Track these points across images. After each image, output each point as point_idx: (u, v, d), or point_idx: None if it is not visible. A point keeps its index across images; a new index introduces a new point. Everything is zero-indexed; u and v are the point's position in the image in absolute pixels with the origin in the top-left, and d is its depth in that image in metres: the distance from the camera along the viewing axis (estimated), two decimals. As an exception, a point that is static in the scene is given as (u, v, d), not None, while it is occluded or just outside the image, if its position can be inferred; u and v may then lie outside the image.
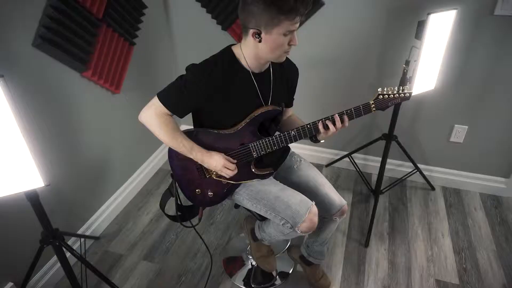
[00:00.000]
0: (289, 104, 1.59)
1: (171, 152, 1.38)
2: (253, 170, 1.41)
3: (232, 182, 1.41)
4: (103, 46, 1.90)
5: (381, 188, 2.36)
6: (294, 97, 1.60)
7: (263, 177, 1.44)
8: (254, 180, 1.44)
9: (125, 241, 2.13)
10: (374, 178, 2.55)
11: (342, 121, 1.33)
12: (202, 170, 1.40)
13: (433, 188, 2.48)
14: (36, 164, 1.21)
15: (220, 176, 1.40)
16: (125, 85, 2.15)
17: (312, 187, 1.48)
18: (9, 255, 1.61)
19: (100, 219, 2.16)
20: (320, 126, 1.32)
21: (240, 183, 1.44)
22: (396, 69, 2.08)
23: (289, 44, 1.23)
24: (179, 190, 1.48)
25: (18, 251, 1.62)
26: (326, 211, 1.49)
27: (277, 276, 1.90)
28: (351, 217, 2.28)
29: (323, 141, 1.40)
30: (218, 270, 1.94)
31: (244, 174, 1.41)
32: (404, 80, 1.88)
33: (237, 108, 1.33)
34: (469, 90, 2.13)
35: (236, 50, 1.30)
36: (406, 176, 2.43)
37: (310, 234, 1.65)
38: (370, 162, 2.61)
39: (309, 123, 1.35)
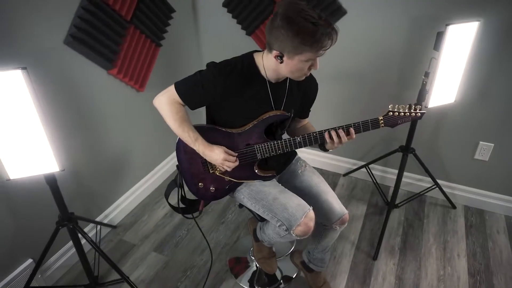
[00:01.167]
0: (305, 115, 1.60)
1: (179, 145, 1.44)
2: (256, 171, 1.45)
3: (234, 180, 1.45)
4: (129, 46, 2.02)
5: (397, 202, 2.30)
6: (313, 108, 1.60)
7: (265, 178, 1.47)
8: (255, 180, 1.47)
9: (139, 232, 2.24)
10: (390, 190, 2.49)
11: (348, 133, 1.33)
12: (206, 164, 1.45)
13: (454, 207, 2.37)
14: (53, 151, 1.32)
15: (224, 173, 1.45)
16: (150, 84, 2.27)
17: (314, 193, 1.49)
18: (30, 234, 1.74)
19: (118, 210, 2.28)
20: (326, 136, 1.34)
21: (242, 182, 1.48)
22: (417, 80, 2.02)
23: (309, 68, 1.26)
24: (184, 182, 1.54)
25: (38, 230, 1.75)
26: (326, 219, 1.49)
27: (281, 280, 1.91)
28: (363, 228, 2.24)
29: (331, 150, 1.41)
30: (223, 268, 1.99)
31: (246, 173, 1.45)
32: (423, 92, 1.84)
33: (248, 111, 1.37)
34: (496, 105, 2.03)
35: (257, 57, 1.33)
36: (424, 191, 2.34)
37: (311, 240, 1.67)
38: (388, 175, 2.55)
39: (315, 132, 1.36)
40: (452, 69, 1.72)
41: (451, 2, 1.85)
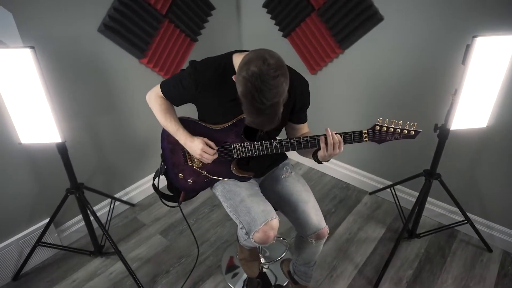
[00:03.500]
0: (301, 120, 1.48)
1: (163, 134, 1.50)
2: (233, 170, 1.44)
3: (209, 175, 1.46)
4: (162, 38, 2.15)
5: (421, 232, 2.08)
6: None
7: (241, 179, 1.45)
8: (231, 179, 1.46)
9: (152, 214, 2.37)
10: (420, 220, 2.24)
11: (326, 143, 1.25)
12: (186, 156, 1.48)
13: (489, 250, 2.04)
14: (56, 123, 1.47)
15: (201, 168, 1.46)
16: (182, 76, 2.38)
17: (292, 201, 1.42)
18: (52, 196, 1.94)
19: (139, 190, 2.45)
20: (303, 143, 1.30)
21: (219, 179, 1.48)
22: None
23: None
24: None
25: (57, 195, 1.95)
26: (301, 230, 1.42)
27: (274, 287, 1.87)
28: (373, 252, 2.06)
29: (323, 161, 1.34)
30: (216, 263, 2.00)
31: (223, 171, 1.44)
32: (451, 111, 1.63)
33: (225, 110, 1.35)
34: (550, 138, 1.71)
35: (236, 58, 1.29)
36: (452, 225, 2.07)
37: (294, 251, 1.60)
38: (418, 200, 2.30)
39: (293, 138, 1.31)
40: (483, 89, 1.49)
41: (498, 11, 1.61)
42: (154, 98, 1.43)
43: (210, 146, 1.38)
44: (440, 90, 1.91)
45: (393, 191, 2.25)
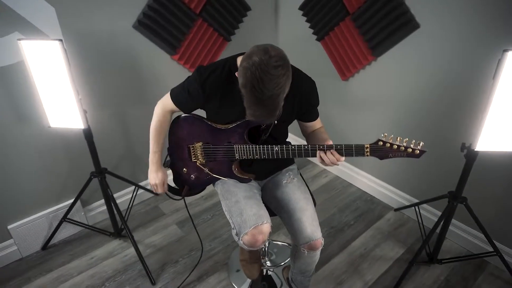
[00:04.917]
0: (310, 118, 1.46)
1: (172, 129, 1.52)
2: (234, 170, 1.44)
3: (211, 173, 1.48)
4: (195, 36, 2.22)
5: (443, 258, 1.94)
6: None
7: (241, 180, 1.45)
8: (231, 180, 1.47)
9: (173, 205, 2.46)
10: (446, 244, 2.07)
11: (330, 153, 1.23)
12: (190, 152, 1.52)
13: (521, 287, 1.84)
14: (79, 111, 1.59)
15: (203, 165, 1.49)
16: (213, 74, 2.44)
17: (290, 208, 1.40)
18: (79, 178, 2.09)
19: (163, 180, 2.55)
20: (304, 151, 1.28)
21: (220, 178, 1.50)
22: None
23: None
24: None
25: (84, 177, 2.07)
26: (295, 238, 1.39)
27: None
28: (386, 272, 1.94)
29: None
30: (224, 260, 2.03)
31: (224, 171, 1.46)
32: (478, 130, 1.49)
33: (230, 113, 1.36)
34: None
35: (240, 60, 1.28)
36: (480, 255, 1.88)
37: (290, 260, 1.57)
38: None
39: (294, 145, 1.29)
40: (514, 108, 1.34)
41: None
42: (156, 113, 1.46)
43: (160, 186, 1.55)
44: (473, 106, 1.75)
45: (417, 210, 2.10)
